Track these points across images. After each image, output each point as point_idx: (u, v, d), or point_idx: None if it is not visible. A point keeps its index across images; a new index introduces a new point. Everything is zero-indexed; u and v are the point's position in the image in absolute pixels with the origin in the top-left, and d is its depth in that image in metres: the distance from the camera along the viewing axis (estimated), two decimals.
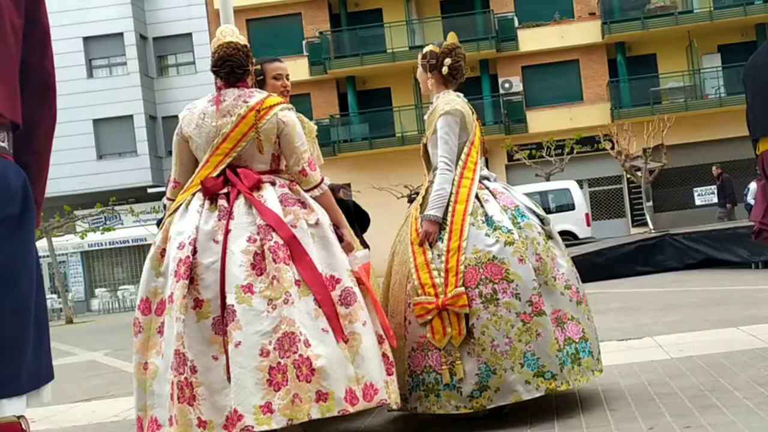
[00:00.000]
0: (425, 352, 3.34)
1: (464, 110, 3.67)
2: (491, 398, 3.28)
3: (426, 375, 3.34)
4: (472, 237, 3.41)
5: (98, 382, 6.98)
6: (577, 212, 18.97)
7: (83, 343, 12.56)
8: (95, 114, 30.30)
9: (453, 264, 3.36)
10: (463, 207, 3.48)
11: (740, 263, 11.29)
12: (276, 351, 2.91)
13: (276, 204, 3.16)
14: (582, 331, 3.46)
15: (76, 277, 31.29)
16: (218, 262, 3.04)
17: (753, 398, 3.33)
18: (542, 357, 3.29)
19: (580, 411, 3.49)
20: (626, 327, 6.24)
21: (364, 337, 3.07)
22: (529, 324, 3.30)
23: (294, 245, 3.08)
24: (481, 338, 3.28)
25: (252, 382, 2.89)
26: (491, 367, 3.27)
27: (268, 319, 2.95)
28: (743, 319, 5.87)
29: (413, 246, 3.48)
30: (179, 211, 3.26)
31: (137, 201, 27.91)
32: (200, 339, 3.00)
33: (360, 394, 2.99)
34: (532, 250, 3.45)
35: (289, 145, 3.29)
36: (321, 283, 3.06)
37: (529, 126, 27.02)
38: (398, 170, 25.14)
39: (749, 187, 17.96)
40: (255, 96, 3.31)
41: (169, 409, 2.98)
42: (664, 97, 26.70)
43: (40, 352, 1.90)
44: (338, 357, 2.97)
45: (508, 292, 3.32)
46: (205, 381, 2.96)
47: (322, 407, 2.90)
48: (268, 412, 2.86)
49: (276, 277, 3.00)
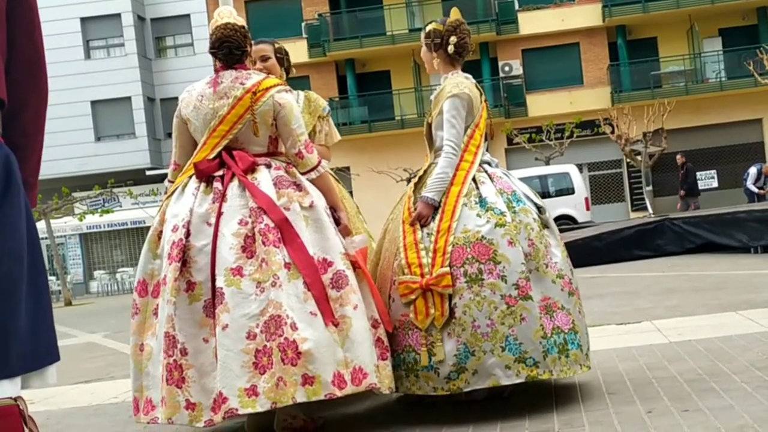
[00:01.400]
0: (406, 331, 3.30)
1: (472, 93, 3.60)
2: (468, 381, 3.20)
3: (406, 354, 3.29)
4: (463, 217, 3.34)
5: (97, 364, 7.00)
6: (577, 196, 18.97)
7: (82, 325, 12.59)
8: (93, 95, 30.20)
9: (441, 244, 3.30)
10: (458, 189, 3.42)
11: (739, 248, 11.29)
12: (263, 334, 2.90)
13: (269, 186, 3.14)
14: (572, 322, 3.35)
15: (74, 259, 31.32)
16: (210, 245, 3.04)
17: (751, 382, 3.33)
18: (525, 342, 3.19)
19: (579, 394, 3.49)
20: (625, 311, 6.25)
21: (354, 320, 3.04)
22: (513, 307, 3.21)
23: (285, 228, 3.06)
24: (462, 318, 3.21)
25: (238, 365, 2.88)
26: (470, 349, 3.18)
27: (256, 302, 2.94)
28: (742, 304, 5.88)
29: (404, 225, 3.44)
30: (175, 194, 3.26)
31: (136, 183, 27.89)
32: (192, 321, 3.00)
33: (348, 378, 2.96)
34: (524, 234, 3.36)
35: (285, 128, 3.26)
36: (311, 266, 3.04)
37: (529, 110, 26.97)
38: (397, 153, 25.12)
39: (749, 172, 17.94)
40: (252, 78, 3.29)
41: (161, 391, 2.99)
42: (664, 81, 26.65)
43: (39, 333, 1.88)
44: (326, 340, 2.94)
45: (494, 273, 3.24)
46: (195, 363, 2.96)
47: (308, 391, 2.88)
48: (253, 395, 2.86)
49: (265, 260, 2.99)
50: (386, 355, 3.19)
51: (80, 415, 4.53)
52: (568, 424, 3.00)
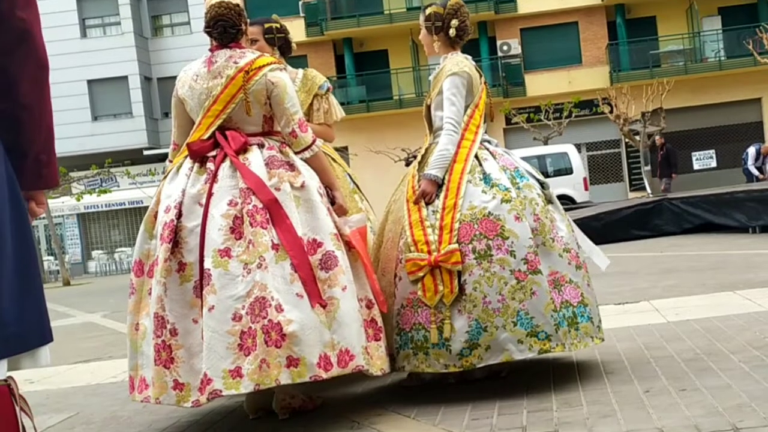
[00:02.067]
0: (415, 309, 3.29)
1: (472, 72, 3.59)
2: (481, 357, 3.21)
3: (415, 332, 3.29)
4: (468, 194, 3.34)
5: (96, 344, 7.01)
6: (575, 176, 18.94)
7: (81, 305, 12.60)
8: (89, 75, 30.05)
9: (447, 221, 3.30)
10: (461, 166, 3.42)
11: (738, 227, 11.30)
12: (248, 316, 2.89)
13: (260, 167, 3.11)
14: (581, 295, 3.37)
15: (72, 239, 31.31)
16: (201, 226, 3.03)
17: (749, 362, 3.34)
18: (536, 316, 3.21)
19: (577, 374, 3.50)
20: (623, 291, 6.26)
21: (342, 302, 3.01)
22: (523, 282, 3.22)
23: (274, 209, 3.03)
24: (473, 294, 3.21)
25: (223, 347, 2.87)
26: (482, 325, 3.19)
27: (243, 283, 2.93)
28: (740, 283, 5.89)
29: (408, 203, 3.43)
30: (170, 175, 3.25)
31: (133, 163, 27.84)
32: (182, 302, 3.00)
33: (335, 360, 2.94)
34: (530, 210, 3.37)
35: (278, 107, 3.23)
36: (299, 247, 3.01)
37: (528, 89, 26.87)
38: (395, 133, 25.06)
39: (748, 152, 17.92)
40: (246, 56, 3.25)
41: (152, 370, 3.01)
42: (663, 61, 26.55)
43: (26, 314, 1.84)
44: (312, 322, 2.92)
45: (503, 248, 3.24)
46: (185, 344, 2.96)
47: (293, 373, 2.86)
48: (237, 376, 2.85)
49: (252, 241, 2.97)
50: (380, 336, 3.16)
51: (79, 394, 4.54)
52: (566, 404, 3.01)
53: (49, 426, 3.65)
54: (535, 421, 2.81)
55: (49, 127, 2.03)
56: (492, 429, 2.78)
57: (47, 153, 2.02)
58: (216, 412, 3.59)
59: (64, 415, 3.94)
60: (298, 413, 3.29)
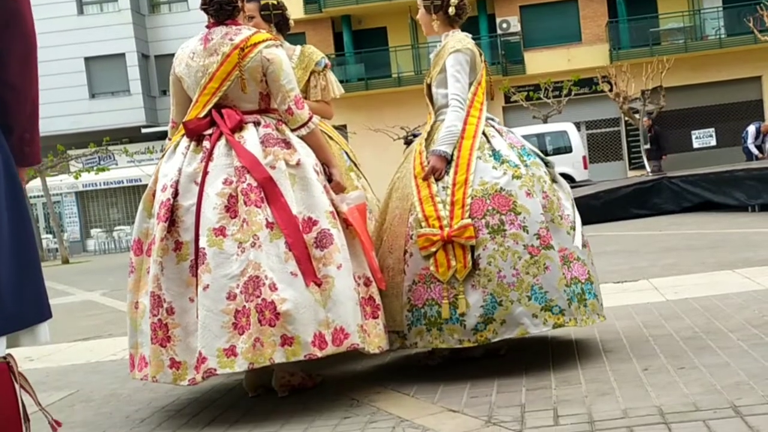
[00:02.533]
0: (428, 284, 3.28)
1: (474, 50, 3.60)
2: (496, 331, 3.21)
3: (428, 308, 3.28)
4: (479, 170, 3.35)
5: (95, 322, 7.02)
6: (575, 155, 18.91)
7: (80, 283, 12.62)
8: (87, 52, 29.88)
9: (459, 197, 3.30)
10: (470, 143, 3.42)
11: (737, 206, 11.30)
12: (242, 294, 2.89)
13: (255, 145, 3.10)
14: (587, 273, 3.41)
15: (71, 217, 31.30)
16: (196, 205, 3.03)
17: (747, 340, 3.35)
18: (550, 291, 3.22)
19: (576, 352, 3.51)
20: (622, 269, 6.27)
21: (337, 280, 2.99)
22: (536, 257, 3.23)
23: (269, 187, 3.02)
24: (488, 269, 3.22)
25: (217, 326, 2.88)
26: (497, 299, 3.19)
27: (237, 262, 2.92)
28: (739, 262, 5.90)
29: (417, 179, 3.43)
30: (167, 153, 3.24)
31: (131, 141, 27.74)
32: (179, 281, 3.00)
33: (329, 338, 2.93)
34: (539, 187, 3.39)
35: (274, 83, 3.21)
36: (294, 226, 2.99)
37: (527, 67, 26.75)
38: (394, 111, 24.97)
39: (747, 130, 17.89)
40: (241, 33, 3.23)
41: (149, 349, 3.01)
42: (663, 38, 26.41)
43: (24, 291, 1.84)
44: (307, 301, 2.91)
45: (516, 223, 3.25)
46: (182, 323, 2.96)
47: (287, 351, 2.87)
48: (231, 355, 2.86)
49: (246, 220, 2.96)
50: (377, 313, 3.15)
51: (79, 372, 4.56)
52: (564, 382, 3.02)
53: (49, 403, 3.66)
54: (533, 399, 2.82)
55: (34, 105, 2.03)
56: (491, 407, 2.79)
57: (31, 131, 2.03)
58: (215, 390, 3.60)
59: (64, 393, 3.95)
60: (298, 391, 3.30)
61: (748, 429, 2.24)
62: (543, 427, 2.48)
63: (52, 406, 3.61)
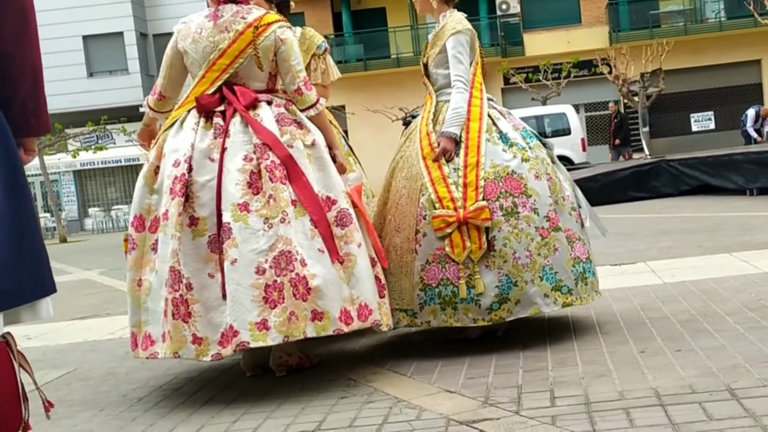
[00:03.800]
0: (442, 264, 3.34)
1: (473, 30, 3.63)
2: (511, 310, 3.31)
3: (443, 288, 3.34)
4: (489, 153, 3.42)
5: (93, 301, 7.03)
6: (573, 137, 18.85)
7: (78, 262, 12.63)
8: (85, 30, 29.70)
9: (472, 179, 3.36)
10: (477, 125, 3.47)
11: (735, 190, 11.31)
12: (272, 269, 2.90)
13: (272, 123, 3.12)
14: (587, 252, 3.53)
15: (69, 196, 31.25)
16: (214, 180, 3.02)
17: (743, 323, 3.36)
18: (560, 271, 3.34)
19: (573, 334, 3.52)
20: (620, 252, 6.27)
21: (359, 258, 3.07)
22: (547, 239, 3.34)
23: (290, 165, 3.05)
24: (503, 250, 3.30)
25: (248, 299, 2.89)
26: (512, 279, 3.29)
27: (264, 237, 2.94)
28: (736, 245, 5.91)
29: (426, 161, 3.46)
30: (174, 128, 3.21)
31: (129, 120, 27.62)
32: (196, 257, 2.99)
33: (355, 314, 3.00)
34: (544, 169, 3.47)
35: (285, 63, 3.23)
36: (317, 204, 3.05)
37: (526, 49, 26.64)
38: (393, 92, 24.89)
39: (747, 114, 17.84)
40: (253, 12, 3.24)
41: (163, 326, 3.00)
42: (663, 21, 26.30)
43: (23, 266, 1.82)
44: (333, 277, 2.97)
45: (527, 206, 3.34)
46: (201, 298, 2.96)
47: (317, 326, 2.92)
48: (263, 329, 2.88)
49: (273, 196, 2.98)
50: (384, 293, 3.21)
51: (77, 350, 4.57)
52: (561, 363, 3.03)
53: (47, 382, 3.67)
54: (530, 380, 2.84)
55: (35, 74, 1.99)
56: (488, 388, 2.80)
57: (35, 100, 1.99)
58: (213, 369, 3.61)
59: (62, 371, 3.96)
60: (295, 371, 3.31)
61: (743, 411, 2.25)
62: (539, 408, 2.49)
63: (49, 385, 3.62)
